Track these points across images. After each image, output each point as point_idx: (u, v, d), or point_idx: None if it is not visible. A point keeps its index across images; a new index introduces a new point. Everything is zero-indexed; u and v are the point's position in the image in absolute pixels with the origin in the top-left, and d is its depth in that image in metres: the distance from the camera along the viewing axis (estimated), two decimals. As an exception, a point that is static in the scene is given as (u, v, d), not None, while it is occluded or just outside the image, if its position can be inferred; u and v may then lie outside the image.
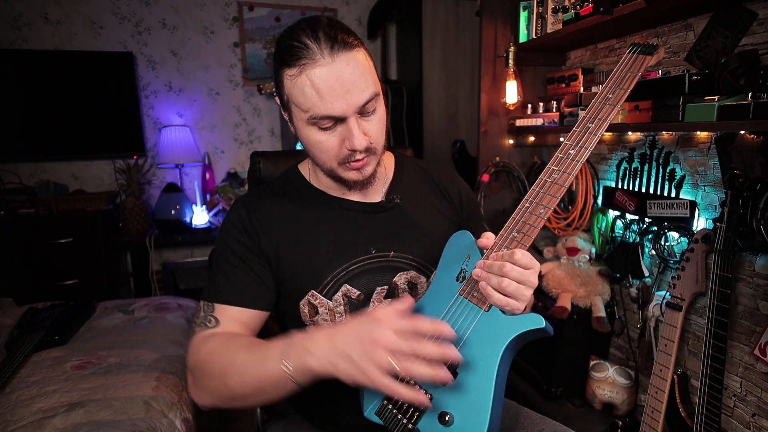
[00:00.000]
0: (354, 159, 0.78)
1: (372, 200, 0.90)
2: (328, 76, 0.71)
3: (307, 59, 0.71)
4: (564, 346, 1.65)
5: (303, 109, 0.74)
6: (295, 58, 0.71)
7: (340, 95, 0.72)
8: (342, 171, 0.80)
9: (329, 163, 0.79)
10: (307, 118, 0.74)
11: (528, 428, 0.87)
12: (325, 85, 0.71)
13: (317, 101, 0.72)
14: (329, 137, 0.76)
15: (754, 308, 1.24)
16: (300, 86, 0.72)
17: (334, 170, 0.81)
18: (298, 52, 0.71)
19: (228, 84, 3.10)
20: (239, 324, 0.80)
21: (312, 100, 0.72)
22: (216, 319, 0.79)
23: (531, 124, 1.86)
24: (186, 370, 0.84)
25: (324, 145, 0.77)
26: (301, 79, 0.72)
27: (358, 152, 0.77)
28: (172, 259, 3.09)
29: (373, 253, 0.86)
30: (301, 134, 0.79)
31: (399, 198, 0.90)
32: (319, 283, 0.84)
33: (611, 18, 1.34)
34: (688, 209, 1.35)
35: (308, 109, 0.73)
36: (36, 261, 2.48)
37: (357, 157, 0.78)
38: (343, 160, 0.78)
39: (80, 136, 2.82)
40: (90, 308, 1.74)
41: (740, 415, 1.29)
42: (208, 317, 0.80)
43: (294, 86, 0.73)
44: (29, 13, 2.71)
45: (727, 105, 1.10)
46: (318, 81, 0.71)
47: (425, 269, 0.89)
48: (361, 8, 3.24)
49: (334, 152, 0.78)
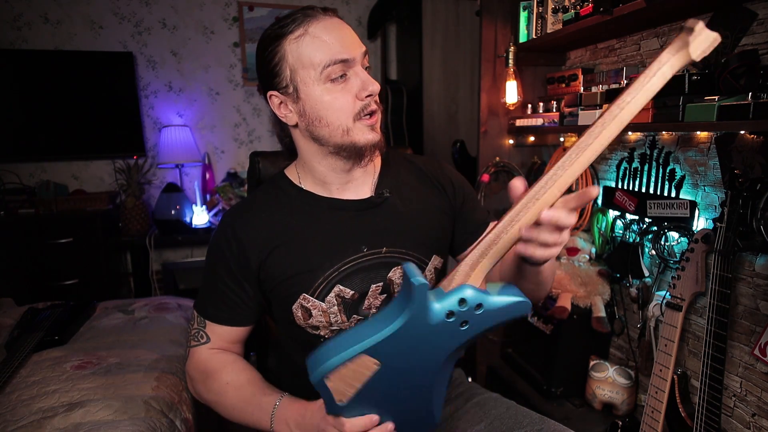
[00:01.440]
0: (369, 110, 0.79)
1: (361, 196, 0.89)
2: (332, 25, 0.78)
3: (309, 18, 0.77)
4: (564, 346, 1.65)
5: (315, 63, 0.76)
6: (297, 23, 0.77)
7: (346, 39, 0.77)
8: (358, 132, 0.80)
9: (346, 121, 0.79)
10: (320, 70, 0.76)
11: (527, 427, 0.87)
12: (332, 32, 0.77)
13: (330, 45, 0.76)
14: (341, 93, 0.78)
15: (754, 308, 1.24)
16: (308, 41, 0.76)
17: (350, 131, 0.79)
18: (297, 19, 0.77)
19: (228, 84, 3.10)
20: (227, 341, 0.90)
21: (324, 47, 0.76)
22: (207, 336, 0.89)
23: (531, 124, 1.86)
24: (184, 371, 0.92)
25: (339, 102, 0.78)
26: (308, 36, 0.76)
27: (373, 101, 0.79)
28: (172, 259, 3.09)
29: (365, 251, 0.85)
30: (312, 101, 0.79)
31: (388, 192, 0.90)
32: (311, 285, 0.83)
33: (611, 18, 1.34)
34: (688, 209, 1.35)
35: (321, 58, 0.76)
36: (36, 261, 2.48)
37: (372, 107, 0.79)
38: (358, 114, 0.79)
39: (80, 136, 2.82)
40: (90, 308, 1.74)
41: (740, 415, 1.29)
42: (201, 333, 0.89)
43: (301, 45, 0.77)
44: (29, 13, 2.71)
45: (727, 105, 1.10)
46: (325, 30, 0.77)
47: (420, 262, 0.89)
48: (361, 8, 3.25)
49: (350, 106, 0.78)
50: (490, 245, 0.64)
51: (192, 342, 0.90)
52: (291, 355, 0.95)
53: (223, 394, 0.86)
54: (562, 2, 1.59)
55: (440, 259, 0.93)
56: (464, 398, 1.00)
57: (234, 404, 0.85)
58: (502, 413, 0.92)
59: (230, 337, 0.89)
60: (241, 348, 0.94)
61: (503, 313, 0.65)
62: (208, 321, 0.88)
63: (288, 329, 0.91)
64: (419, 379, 0.70)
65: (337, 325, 0.86)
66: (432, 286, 0.91)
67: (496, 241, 0.64)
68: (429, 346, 0.67)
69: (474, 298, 0.64)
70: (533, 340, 1.79)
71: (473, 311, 0.64)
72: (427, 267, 0.90)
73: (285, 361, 0.99)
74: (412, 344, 0.67)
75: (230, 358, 0.90)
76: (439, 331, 0.66)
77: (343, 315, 0.85)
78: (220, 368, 0.87)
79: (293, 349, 0.93)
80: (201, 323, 0.89)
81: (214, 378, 0.87)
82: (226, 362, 0.88)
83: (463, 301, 0.64)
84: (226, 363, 0.88)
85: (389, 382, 0.70)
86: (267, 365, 1.13)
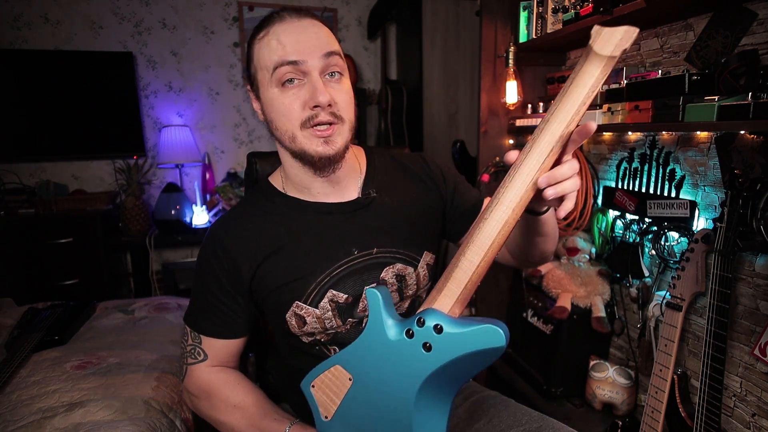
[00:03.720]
0: (318, 120, 0.75)
1: (348, 198, 0.87)
2: (293, 29, 0.75)
3: (276, 20, 0.77)
4: (564, 346, 1.65)
5: (268, 65, 0.75)
6: (266, 24, 0.77)
7: (303, 42, 0.74)
8: (306, 140, 0.76)
9: (291, 128, 0.76)
10: (271, 72, 0.75)
11: (527, 425, 0.87)
12: (290, 34, 0.75)
13: (283, 46, 0.74)
14: (290, 98, 0.75)
15: (754, 308, 1.24)
16: (266, 42, 0.76)
17: (296, 139, 0.77)
18: (268, 20, 0.77)
19: (228, 84, 3.10)
20: (225, 354, 0.89)
21: (275, 48, 0.74)
22: (204, 353, 0.87)
23: (531, 124, 1.86)
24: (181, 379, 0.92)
25: (287, 107, 0.75)
26: (267, 37, 0.76)
27: (322, 112, 0.75)
28: (172, 259, 3.09)
29: (355, 253, 0.84)
30: (266, 103, 0.79)
31: (375, 191, 0.88)
32: (303, 293, 0.82)
33: (611, 18, 1.34)
34: (688, 209, 1.35)
35: (270, 59, 0.75)
36: (36, 261, 2.48)
37: (321, 119, 0.75)
38: (306, 122, 0.75)
39: (80, 136, 2.82)
40: (90, 308, 1.74)
41: (740, 415, 1.29)
42: (197, 349, 0.88)
43: (261, 47, 0.76)
44: (29, 13, 2.71)
45: (727, 105, 1.10)
46: (283, 34, 0.75)
47: (411, 260, 0.88)
48: (361, 8, 3.24)
49: (296, 113, 0.75)
50: (451, 270, 0.63)
51: (189, 359, 0.88)
52: (286, 359, 0.94)
53: (229, 415, 0.85)
54: (562, 2, 1.59)
55: (432, 255, 0.92)
56: (463, 396, 1.00)
57: (240, 427, 0.84)
58: (502, 411, 0.92)
59: (227, 350, 0.88)
60: (239, 360, 0.93)
61: (470, 341, 0.61)
62: (203, 336, 0.87)
63: (284, 338, 0.90)
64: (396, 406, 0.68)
65: (333, 329, 0.85)
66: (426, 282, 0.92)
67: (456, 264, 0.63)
68: (396, 367, 0.66)
69: (433, 319, 0.63)
70: (533, 340, 1.79)
71: (433, 333, 0.63)
72: (419, 264, 0.89)
73: (281, 364, 0.99)
74: (377, 359, 0.68)
75: (232, 377, 0.89)
76: (401, 349, 0.65)
77: (338, 319, 0.84)
78: (224, 389, 0.87)
79: (289, 353, 0.92)
80: (196, 339, 0.88)
81: (218, 398, 0.86)
82: (229, 382, 0.87)
83: (422, 320, 0.63)
84: (228, 383, 0.87)
85: (367, 403, 0.70)
86: (266, 366, 1.13)
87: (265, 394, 0.89)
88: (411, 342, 0.64)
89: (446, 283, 0.64)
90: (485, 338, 0.60)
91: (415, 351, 0.64)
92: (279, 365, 1.03)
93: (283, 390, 1.00)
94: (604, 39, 0.52)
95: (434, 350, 0.63)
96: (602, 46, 0.52)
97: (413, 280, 0.88)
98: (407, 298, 0.89)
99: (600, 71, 0.55)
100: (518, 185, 0.59)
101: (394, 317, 0.68)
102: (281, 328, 0.86)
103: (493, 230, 0.60)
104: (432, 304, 0.65)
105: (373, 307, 0.67)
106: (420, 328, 0.64)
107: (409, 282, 0.88)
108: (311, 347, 0.87)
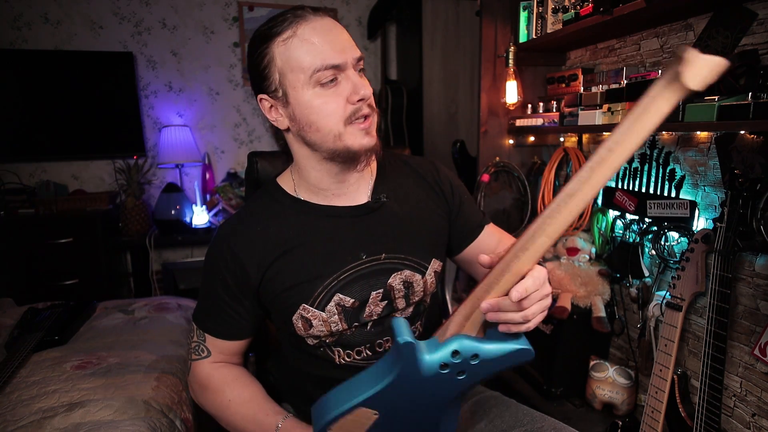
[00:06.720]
0: (361, 114, 0.76)
1: (358, 202, 0.87)
2: (322, 27, 0.74)
3: (297, 19, 0.74)
4: (564, 346, 1.65)
5: (304, 67, 0.73)
6: (287, 24, 0.74)
7: (337, 42, 0.74)
8: (350, 136, 0.77)
9: (336, 126, 0.76)
10: (310, 74, 0.73)
11: (528, 426, 0.87)
12: (322, 35, 0.73)
13: (318, 49, 0.73)
14: (332, 97, 0.75)
15: (754, 308, 1.24)
16: (297, 44, 0.73)
17: (342, 137, 0.76)
18: (287, 19, 0.75)
19: (228, 84, 3.10)
20: (228, 353, 0.90)
21: (313, 51, 0.73)
22: (208, 350, 0.89)
23: (531, 124, 1.86)
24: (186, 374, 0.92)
25: (328, 106, 0.75)
26: (296, 38, 0.74)
27: (365, 105, 0.76)
28: (172, 259, 3.09)
29: (363, 258, 0.84)
30: (302, 106, 0.76)
31: (385, 196, 0.88)
32: (310, 296, 0.82)
33: (611, 18, 1.34)
34: (688, 209, 1.35)
35: (310, 62, 0.73)
36: (36, 261, 2.48)
37: (364, 111, 0.76)
38: (349, 118, 0.76)
39: (80, 136, 2.82)
40: (90, 308, 1.74)
41: (740, 415, 1.29)
42: (201, 346, 0.89)
43: (289, 48, 0.74)
44: (29, 13, 2.71)
45: (727, 105, 1.10)
46: (314, 32, 0.74)
47: (419, 267, 0.88)
48: (361, 8, 3.25)
49: (340, 111, 0.75)
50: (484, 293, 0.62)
51: (193, 355, 0.90)
52: (289, 359, 0.94)
53: (225, 410, 0.86)
54: (562, 2, 1.59)
55: (439, 263, 0.92)
56: (464, 397, 1.00)
57: (236, 421, 0.86)
58: (503, 411, 0.92)
59: (230, 350, 0.90)
60: (242, 357, 0.94)
61: (502, 362, 0.63)
62: (208, 335, 0.88)
63: (289, 338, 0.90)
64: (422, 421, 0.69)
65: (339, 332, 0.84)
66: (433, 289, 0.91)
67: (488, 290, 0.62)
68: (427, 395, 0.66)
69: (468, 349, 0.62)
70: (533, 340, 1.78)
71: (468, 361, 0.62)
72: (427, 271, 0.88)
73: (283, 364, 0.99)
74: (408, 395, 0.66)
75: (232, 373, 0.89)
76: (435, 382, 0.64)
77: (344, 323, 0.84)
78: (223, 384, 0.88)
79: (292, 354, 0.93)
80: (200, 336, 0.89)
81: (217, 393, 0.87)
82: (228, 378, 0.88)
83: (456, 352, 0.63)
84: (227, 379, 0.88)
85: (391, 427, 0.69)
86: (266, 367, 1.13)
87: (263, 389, 0.90)
88: (445, 374, 0.64)
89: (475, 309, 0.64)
90: (516, 358, 0.63)
91: (448, 379, 0.64)
92: (280, 365, 1.03)
93: (284, 390, 1.00)
94: (698, 68, 0.45)
95: (467, 375, 0.64)
96: (693, 77, 0.45)
97: (420, 287, 0.88)
98: (413, 303, 0.89)
99: (676, 102, 0.49)
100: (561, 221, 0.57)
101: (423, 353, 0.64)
102: (287, 330, 0.86)
103: (524, 267, 0.60)
104: (461, 330, 0.65)
105: (407, 354, 0.63)
106: (455, 360, 0.63)
107: (416, 289, 0.88)
108: (316, 348, 0.87)
